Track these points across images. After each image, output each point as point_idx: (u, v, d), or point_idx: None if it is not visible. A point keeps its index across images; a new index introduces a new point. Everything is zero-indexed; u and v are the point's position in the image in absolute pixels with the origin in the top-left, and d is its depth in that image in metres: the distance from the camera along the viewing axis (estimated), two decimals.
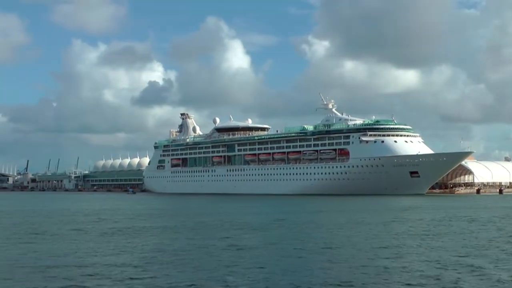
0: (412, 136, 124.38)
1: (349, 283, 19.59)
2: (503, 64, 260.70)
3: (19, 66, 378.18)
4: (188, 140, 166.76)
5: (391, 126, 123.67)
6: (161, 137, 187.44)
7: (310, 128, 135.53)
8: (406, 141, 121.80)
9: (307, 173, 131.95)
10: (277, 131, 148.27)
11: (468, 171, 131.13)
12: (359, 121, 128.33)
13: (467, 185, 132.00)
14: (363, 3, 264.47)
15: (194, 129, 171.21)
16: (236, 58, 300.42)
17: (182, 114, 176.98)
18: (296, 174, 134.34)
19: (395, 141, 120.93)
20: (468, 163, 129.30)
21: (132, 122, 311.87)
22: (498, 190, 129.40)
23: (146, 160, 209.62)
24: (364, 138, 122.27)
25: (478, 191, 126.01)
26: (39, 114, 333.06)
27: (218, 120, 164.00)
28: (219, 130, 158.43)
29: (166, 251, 27.73)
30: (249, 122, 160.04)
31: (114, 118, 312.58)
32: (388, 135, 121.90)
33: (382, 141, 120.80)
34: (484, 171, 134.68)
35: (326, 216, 54.23)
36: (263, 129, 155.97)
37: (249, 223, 45.44)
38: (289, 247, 29.12)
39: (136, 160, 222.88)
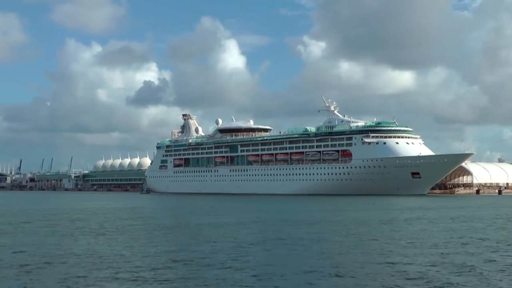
0: (413, 138, 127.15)
1: None
2: (498, 66, 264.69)
3: (17, 65, 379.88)
4: (190, 140, 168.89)
5: (393, 128, 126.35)
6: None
7: (312, 129, 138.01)
8: (407, 143, 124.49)
9: (310, 174, 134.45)
10: (280, 132, 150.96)
11: (467, 172, 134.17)
12: (361, 123, 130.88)
13: (465, 185, 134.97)
14: (360, 4, 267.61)
15: (196, 130, 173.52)
16: (232, 58, 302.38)
17: (184, 115, 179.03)
18: (299, 174, 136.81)
19: (397, 143, 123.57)
20: (468, 164, 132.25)
21: (127, 122, 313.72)
22: (497, 191, 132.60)
23: (146, 160, 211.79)
24: (366, 140, 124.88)
25: (477, 192, 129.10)
26: (33, 113, 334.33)
27: (220, 121, 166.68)
28: (222, 131, 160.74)
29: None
30: (251, 123, 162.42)
31: (108, 117, 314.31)
32: (390, 137, 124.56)
33: (384, 143, 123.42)
34: (482, 172, 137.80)
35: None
36: (265, 130, 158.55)
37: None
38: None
39: (136, 160, 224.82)
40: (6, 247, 30.32)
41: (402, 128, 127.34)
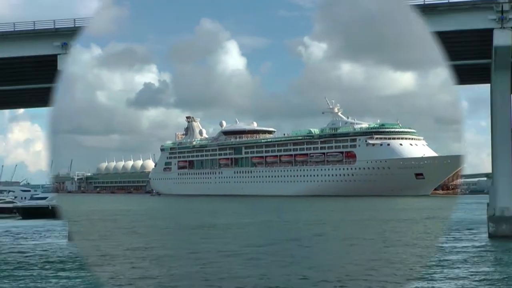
0: (416, 139, 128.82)
1: None
2: None
3: None
4: (194, 143, 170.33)
5: (397, 130, 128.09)
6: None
7: (316, 131, 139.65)
8: (411, 144, 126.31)
9: (314, 175, 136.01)
10: (284, 134, 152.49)
11: None
12: (365, 125, 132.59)
13: None
14: (361, 5, 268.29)
15: (200, 132, 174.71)
16: (232, 60, 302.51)
17: (187, 117, 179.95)
18: (303, 176, 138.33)
19: (401, 144, 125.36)
20: None
21: (127, 124, 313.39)
22: None
23: (149, 162, 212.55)
24: (370, 141, 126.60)
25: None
26: None
27: (224, 123, 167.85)
28: (226, 133, 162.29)
29: None
30: (255, 125, 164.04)
31: (108, 119, 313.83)
32: (394, 138, 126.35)
33: (388, 144, 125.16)
34: None
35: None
36: (269, 132, 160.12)
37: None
38: None
39: (139, 162, 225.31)
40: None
41: (406, 130, 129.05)
